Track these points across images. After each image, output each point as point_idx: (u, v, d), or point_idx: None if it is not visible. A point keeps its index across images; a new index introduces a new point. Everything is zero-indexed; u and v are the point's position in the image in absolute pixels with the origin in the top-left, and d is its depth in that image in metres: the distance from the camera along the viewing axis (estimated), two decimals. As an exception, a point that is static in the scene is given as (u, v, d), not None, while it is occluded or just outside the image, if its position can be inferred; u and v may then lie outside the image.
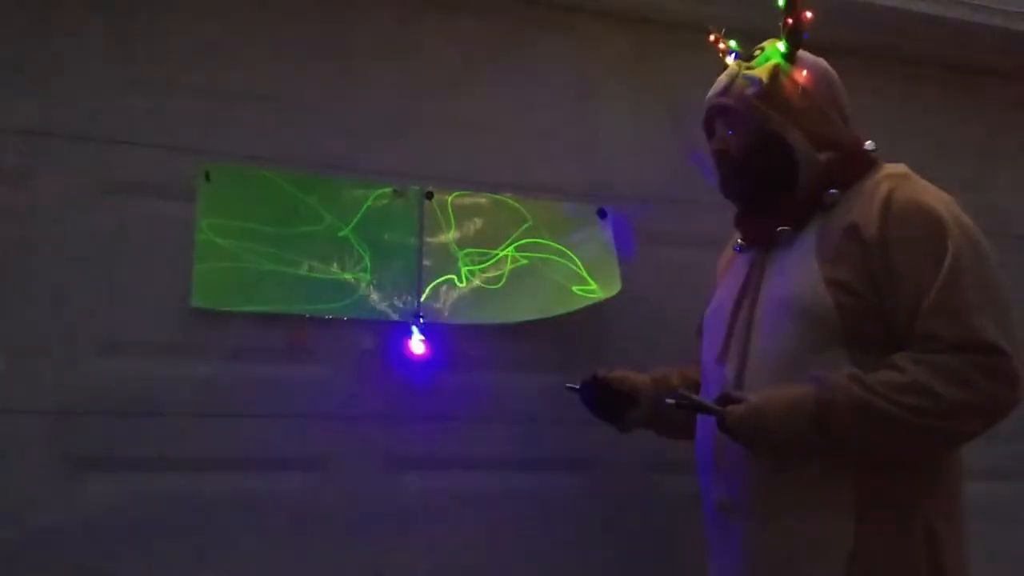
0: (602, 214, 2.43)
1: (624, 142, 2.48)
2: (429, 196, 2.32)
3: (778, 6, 1.79)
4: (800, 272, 1.69)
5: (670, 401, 1.70)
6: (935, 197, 1.68)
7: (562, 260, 2.38)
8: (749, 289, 1.80)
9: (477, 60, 2.41)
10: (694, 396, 1.72)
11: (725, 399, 1.65)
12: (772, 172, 1.77)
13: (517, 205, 2.38)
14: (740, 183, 1.83)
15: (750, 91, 1.77)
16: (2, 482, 1.95)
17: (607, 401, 1.99)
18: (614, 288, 2.33)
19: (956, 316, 1.56)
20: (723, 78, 1.86)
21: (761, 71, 1.79)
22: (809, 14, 1.78)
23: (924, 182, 1.73)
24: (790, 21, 1.78)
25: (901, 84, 2.79)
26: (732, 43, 1.89)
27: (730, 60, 1.88)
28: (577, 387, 1.99)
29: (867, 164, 1.77)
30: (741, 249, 1.89)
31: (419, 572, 2.18)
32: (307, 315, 2.16)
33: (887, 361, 1.58)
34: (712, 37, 1.92)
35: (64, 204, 2.05)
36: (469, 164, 2.36)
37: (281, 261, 2.17)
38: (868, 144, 1.80)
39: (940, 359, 1.54)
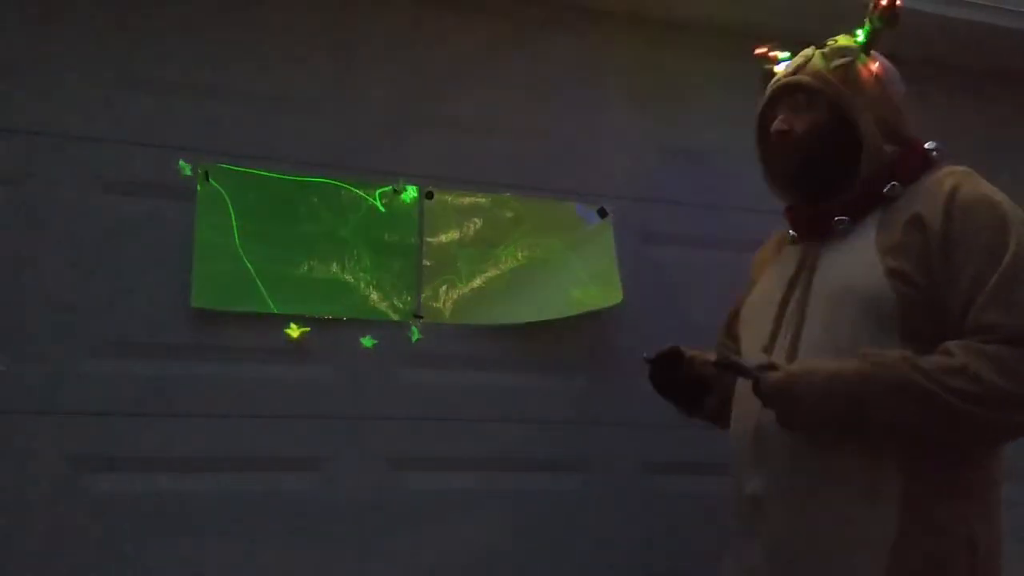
0: (602, 214, 2.43)
1: (624, 142, 2.48)
2: (429, 196, 2.32)
3: None
4: (860, 262, 1.65)
5: (710, 360, 1.70)
6: (999, 194, 1.66)
7: (562, 260, 2.38)
8: (800, 279, 1.76)
9: (477, 60, 2.41)
10: (736, 358, 1.69)
11: (766, 366, 1.63)
12: (834, 156, 1.73)
13: (517, 205, 2.38)
14: (798, 165, 1.76)
15: (832, 64, 1.75)
16: (2, 482, 1.95)
17: (682, 382, 1.90)
18: (615, 298, 2.32)
19: (1013, 308, 1.54)
20: (797, 59, 1.82)
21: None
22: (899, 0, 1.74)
23: (987, 182, 1.70)
24: (883, 3, 1.73)
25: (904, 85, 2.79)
26: (783, 55, 1.86)
27: (780, 68, 1.85)
28: (653, 358, 1.89)
29: (929, 162, 1.75)
30: (794, 241, 1.84)
31: (419, 572, 2.18)
32: (307, 315, 2.16)
33: (939, 348, 1.56)
34: (763, 49, 1.89)
35: (64, 204, 2.05)
36: (469, 164, 2.36)
37: (281, 261, 2.17)
38: (929, 144, 1.78)
39: (992, 348, 1.52)
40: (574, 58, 2.48)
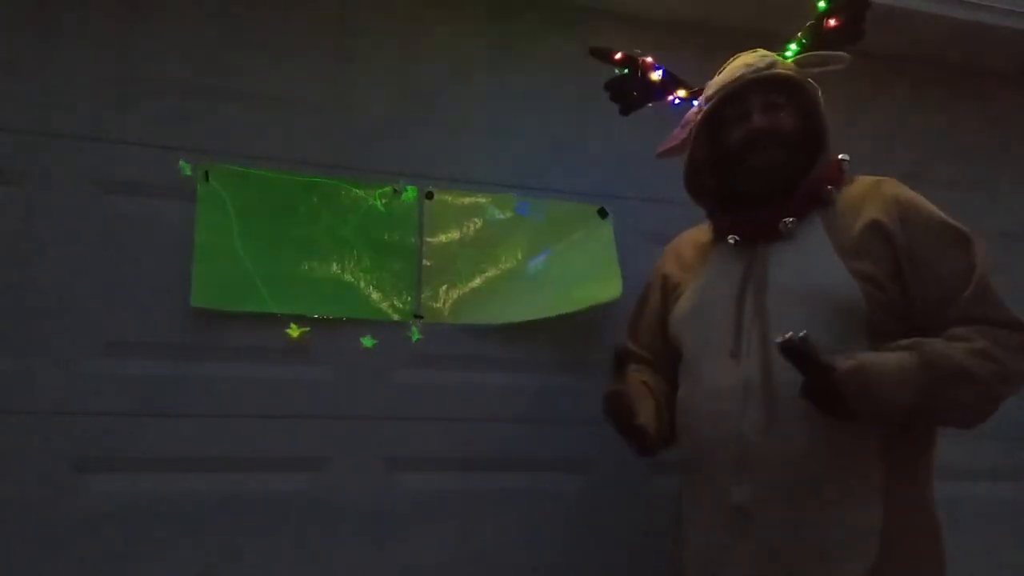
0: (602, 214, 2.43)
1: (624, 142, 2.48)
2: (429, 196, 2.31)
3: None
4: (820, 263, 1.72)
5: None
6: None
7: (562, 260, 2.38)
8: (751, 282, 1.78)
9: (477, 60, 2.41)
10: (816, 347, 1.58)
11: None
12: (804, 159, 1.81)
13: (517, 204, 2.38)
14: (783, 161, 1.80)
15: (807, 70, 1.85)
16: (2, 482, 1.95)
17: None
18: (614, 292, 2.31)
19: (997, 301, 1.68)
20: (763, 58, 1.86)
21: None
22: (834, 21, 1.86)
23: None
24: (831, 23, 1.86)
25: (903, 84, 2.79)
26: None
27: (740, 64, 1.89)
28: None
29: (843, 171, 1.85)
30: (736, 243, 1.86)
31: (419, 572, 2.18)
32: (307, 315, 2.16)
33: (948, 334, 1.65)
34: (619, 56, 2.02)
35: (64, 204, 2.05)
36: (469, 164, 2.36)
37: (281, 261, 2.17)
38: (842, 156, 1.87)
39: (997, 332, 1.64)
40: (574, 58, 2.48)
